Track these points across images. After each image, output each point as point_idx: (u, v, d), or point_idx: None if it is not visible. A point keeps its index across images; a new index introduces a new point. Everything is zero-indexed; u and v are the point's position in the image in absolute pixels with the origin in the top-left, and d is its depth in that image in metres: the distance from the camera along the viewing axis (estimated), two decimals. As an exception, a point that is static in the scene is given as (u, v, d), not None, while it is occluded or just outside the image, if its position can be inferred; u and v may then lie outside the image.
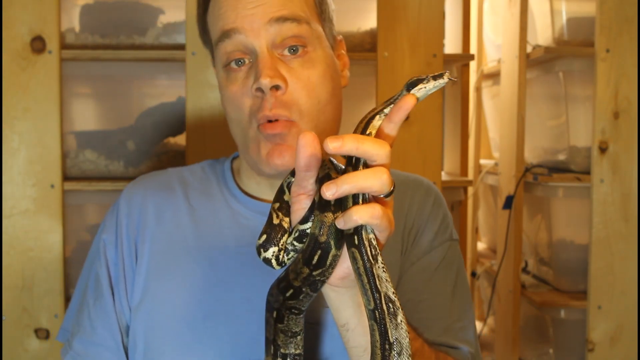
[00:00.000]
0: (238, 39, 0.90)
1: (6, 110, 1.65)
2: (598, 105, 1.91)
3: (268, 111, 0.88)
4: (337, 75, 0.96)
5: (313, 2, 0.94)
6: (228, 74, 0.92)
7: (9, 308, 1.67)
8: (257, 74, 0.88)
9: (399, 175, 1.07)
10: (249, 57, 0.91)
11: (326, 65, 0.93)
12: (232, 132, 0.97)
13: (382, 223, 0.65)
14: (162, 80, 1.91)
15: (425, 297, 0.96)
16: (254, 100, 0.90)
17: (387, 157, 0.66)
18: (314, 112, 0.91)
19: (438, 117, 1.77)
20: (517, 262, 2.12)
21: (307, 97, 0.90)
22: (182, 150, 1.81)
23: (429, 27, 1.76)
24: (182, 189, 1.02)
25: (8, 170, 1.66)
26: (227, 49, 0.91)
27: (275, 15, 0.89)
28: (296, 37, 0.90)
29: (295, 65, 0.90)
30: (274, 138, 0.89)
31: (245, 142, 0.93)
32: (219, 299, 0.93)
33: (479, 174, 2.58)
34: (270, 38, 0.89)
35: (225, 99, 0.95)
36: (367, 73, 1.82)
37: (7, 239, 1.66)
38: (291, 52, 0.90)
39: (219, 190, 1.01)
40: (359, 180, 0.64)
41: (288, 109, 0.89)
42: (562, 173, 2.02)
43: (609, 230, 1.93)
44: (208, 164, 1.07)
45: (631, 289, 1.93)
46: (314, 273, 0.71)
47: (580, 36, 2.03)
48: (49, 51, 1.65)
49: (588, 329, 1.94)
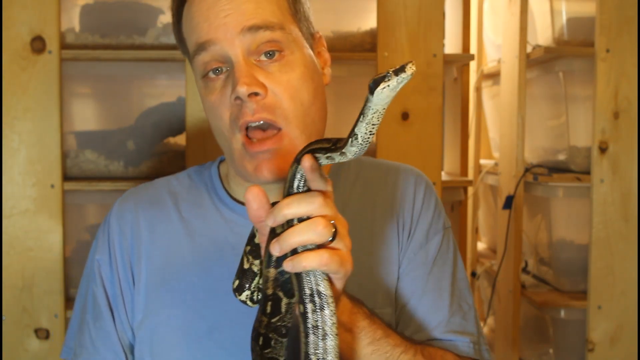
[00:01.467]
0: (214, 50, 0.89)
1: (6, 110, 1.65)
2: (598, 105, 1.91)
3: (250, 116, 0.87)
4: (317, 75, 0.95)
5: (286, 3, 0.93)
6: (206, 83, 0.92)
7: (9, 308, 1.67)
8: (234, 83, 0.87)
9: (389, 165, 1.07)
10: (226, 65, 0.90)
11: (305, 67, 0.92)
12: (217, 140, 0.96)
13: (332, 267, 0.69)
14: (162, 80, 1.91)
15: (425, 294, 0.97)
16: (233, 109, 0.89)
17: (319, 209, 0.69)
18: (299, 115, 0.90)
19: (438, 117, 1.77)
20: (517, 262, 2.12)
21: (290, 100, 0.89)
22: (182, 150, 1.81)
23: (429, 27, 1.76)
24: (172, 201, 1.01)
25: (8, 170, 1.66)
26: (204, 60, 0.90)
27: (247, 24, 0.88)
28: (271, 42, 0.89)
29: (274, 70, 0.89)
30: (263, 155, 0.88)
31: (231, 153, 0.92)
32: (221, 310, 0.92)
33: (479, 174, 2.58)
34: (244, 46, 0.88)
35: (206, 108, 0.94)
36: (367, 73, 1.82)
37: (7, 239, 1.66)
38: (268, 57, 0.89)
39: (209, 198, 1.01)
40: (296, 237, 0.68)
41: (272, 112, 0.88)
42: (562, 173, 2.02)
43: (609, 230, 1.93)
44: (194, 171, 1.06)
45: (631, 289, 1.93)
46: (272, 320, 0.74)
47: (580, 36, 2.03)
48: (49, 51, 1.65)
49: (588, 329, 1.94)
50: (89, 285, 1.00)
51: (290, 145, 0.89)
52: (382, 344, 0.81)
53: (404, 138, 1.76)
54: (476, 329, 0.99)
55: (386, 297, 0.96)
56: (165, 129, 1.84)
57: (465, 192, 2.27)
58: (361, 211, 0.99)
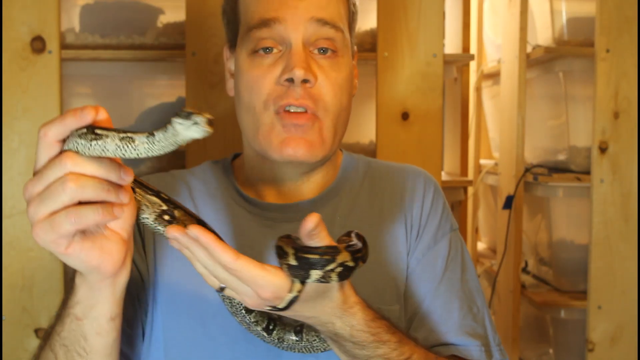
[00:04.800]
0: (277, 29, 0.91)
1: (6, 110, 1.65)
2: (598, 105, 1.91)
3: (294, 100, 0.90)
4: (352, 85, 1.00)
5: (347, 12, 0.97)
6: (253, 58, 0.93)
7: (9, 308, 1.67)
8: (289, 65, 0.90)
9: (396, 166, 1.08)
10: (281, 46, 0.92)
11: (349, 72, 0.97)
12: (239, 118, 0.97)
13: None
14: (162, 80, 1.91)
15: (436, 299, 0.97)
16: (278, 88, 0.91)
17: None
18: (336, 111, 0.94)
19: (438, 117, 1.77)
20: (517, 262, 2.12)
21: (333, 95, 0.93)
22: (182, 150, 1.81)
23: (429, 27, 1.76)
24: (187, 190, 1.02)
25: (8, 170, 1.66)
26: (262, 36, 0.92)
27: (317, 14, 0.91)
28: (330, 40, 0.93)
29: (325, 64, 0.93)
30: (295, 129, 0.91)
31: (257, 127, 0.93)
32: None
33: (479, 174, 2.58)
34: (307, 34, 0.91)
35: (241, 82, 0.95)
36: (367, 73, 1.82)
37: (7, 239, 1.66)
38: (321, 53, 0.93)
39: (222, 192, 1.01)
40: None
41: (315, 102, 0.91)
42: (562, 173, 2.02)
43: (609, 230, 1.93)
44: (209, 165, 1.07)
45: (631, 289, 1.93)
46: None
47: (580, 36, 2.03)
48: (49, 51, 1.65)
49: (588, 329, 1.94)
50: None
51: (319, 133, 0.92)
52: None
53: (404, 138, 1.76)
54: (487, 330, 0.99)
55: (394, 294, 0.96)
56: (165, 129, 1.84)
57: (465, 192, 2.27)
58: (369, 210, 1.00)
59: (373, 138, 1.81)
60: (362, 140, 1.92)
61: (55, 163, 0.64)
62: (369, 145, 1.90)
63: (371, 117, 1.80)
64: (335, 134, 0.95)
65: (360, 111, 1.92)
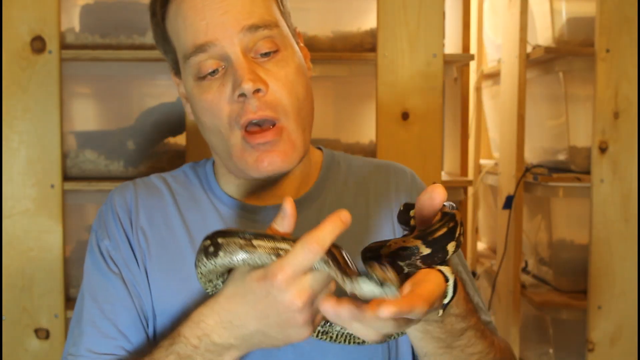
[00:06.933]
0: (213, 51, 0.89)
1: (6, 110, 1.65)
2: (598, 105, 1.91)
3: (252, 114, 0.88)
4: (305, 69, 0.97)
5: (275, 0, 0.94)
6: (200, 83, 0.91)
7: (9, 308, 1.67)
8: (236, 80, 0.88)
9: (379, 162, 1.08)
10: (223, 63, 0.90)
11: (297, 62, 0.94)
12: (208, 140, 0.96)
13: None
14: (162, 80, 1.91)
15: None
16: (235, 106, 0.89)
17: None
18: (295, 109, 0.92)
19: (438, 117, 1.77)
20: (517, 262, 2.12)
21: (288, 95, 0.91)
22: (182, 150, 1.81)
23: (429, 27, 1.76)
24: (169, 194, 1.01)
25: (8, 170, 1.66)
26: (200, 60, 0.90)
27: (247, 23, 0.88)
28: (268, 39, 0.90)
29: (271, 66, 0.90)
30: (264, 146, 0.89)
31: (228, 150, 0.92)
32: None
33: (479, 174, 2.58)
34: (243, 44, 0.89)
35: (199, 108, 0.93)
36: (367, 73, 1.82)
37: (7, 239, 1.66)
38: (264, 56, 0.91)
39: (205, 194, 1.01)
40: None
41: (273, 110, 0.89)
42: (562, 173, 2.02)
43: (609, 230, 1.93)
44: (189, 168, 1.06)
45: (631, 289, 1.93)
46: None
47: (580, 36, 2.03)
48: (49, 51, 1.65)
49: (588, 329, 1.94)
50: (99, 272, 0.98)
51: (289, 140, 0.91)
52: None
53: (404, 138, 1.76)
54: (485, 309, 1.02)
55: None
56: (165, 129, 1.84)
57: (465, 192, 2.27)
58: (355, 207, 1.00)
59: (373, 138, 1.81)
60: (362, 140, 1.92)
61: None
62: (369, 145, 1.90)
63: (371, 117, 1.80)
64: (304, 131, 0.93)
65: (360, 111, 1.92)
